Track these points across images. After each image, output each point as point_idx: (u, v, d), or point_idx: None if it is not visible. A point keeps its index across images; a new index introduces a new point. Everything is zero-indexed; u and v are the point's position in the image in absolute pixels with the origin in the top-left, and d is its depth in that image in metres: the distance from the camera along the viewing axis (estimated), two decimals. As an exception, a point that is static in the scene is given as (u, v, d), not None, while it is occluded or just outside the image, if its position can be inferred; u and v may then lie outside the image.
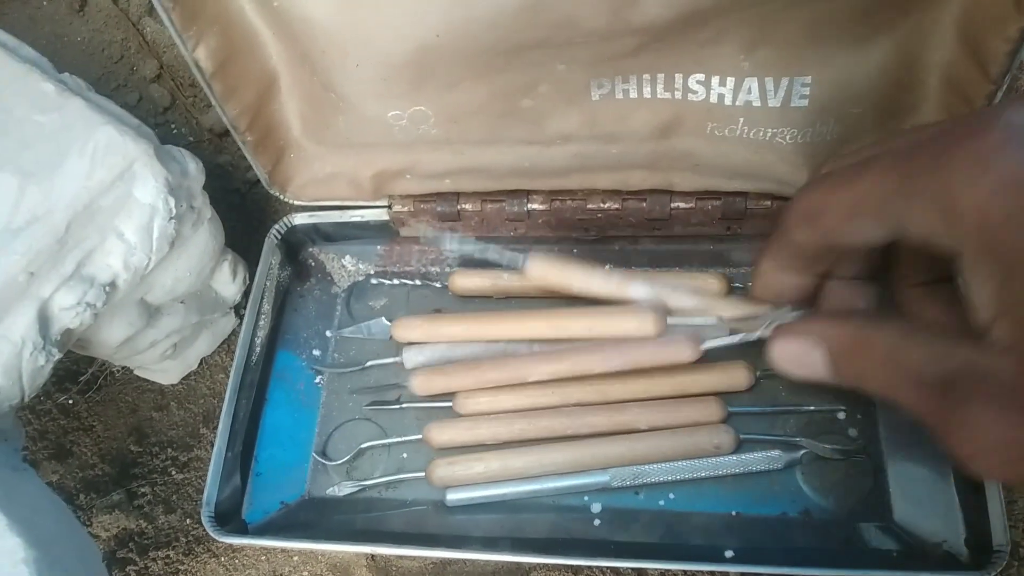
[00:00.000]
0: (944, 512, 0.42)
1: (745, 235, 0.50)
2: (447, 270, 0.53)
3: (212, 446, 0.46)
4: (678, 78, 0.41)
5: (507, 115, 0.43)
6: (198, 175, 0.44)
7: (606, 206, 0.49)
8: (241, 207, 0.60)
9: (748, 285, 0.47)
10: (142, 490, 0.52)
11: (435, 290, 0.52)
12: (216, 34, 0.40)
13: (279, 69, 0.44)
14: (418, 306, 0.52)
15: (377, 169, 0.48)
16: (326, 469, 0.47)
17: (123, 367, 0.55)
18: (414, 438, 0.47)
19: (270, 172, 0.49)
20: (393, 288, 0.53)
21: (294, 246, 0.54)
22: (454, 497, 0.45)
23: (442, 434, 0.46)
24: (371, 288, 0.53)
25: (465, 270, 0.51)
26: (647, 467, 0.44)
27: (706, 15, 0.36)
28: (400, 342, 0.49)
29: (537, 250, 0.43)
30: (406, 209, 0.51)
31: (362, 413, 0.49)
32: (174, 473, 0.52)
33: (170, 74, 0.63)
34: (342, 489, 0.46)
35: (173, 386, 0.55)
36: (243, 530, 0.45)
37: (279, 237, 0.53)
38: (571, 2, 0.35)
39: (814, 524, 0.43)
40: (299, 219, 0.53)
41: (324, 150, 0.48)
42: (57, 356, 0.40)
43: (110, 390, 0.56)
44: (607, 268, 0.45)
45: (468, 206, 0.50)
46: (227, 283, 0.51)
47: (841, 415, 0.45)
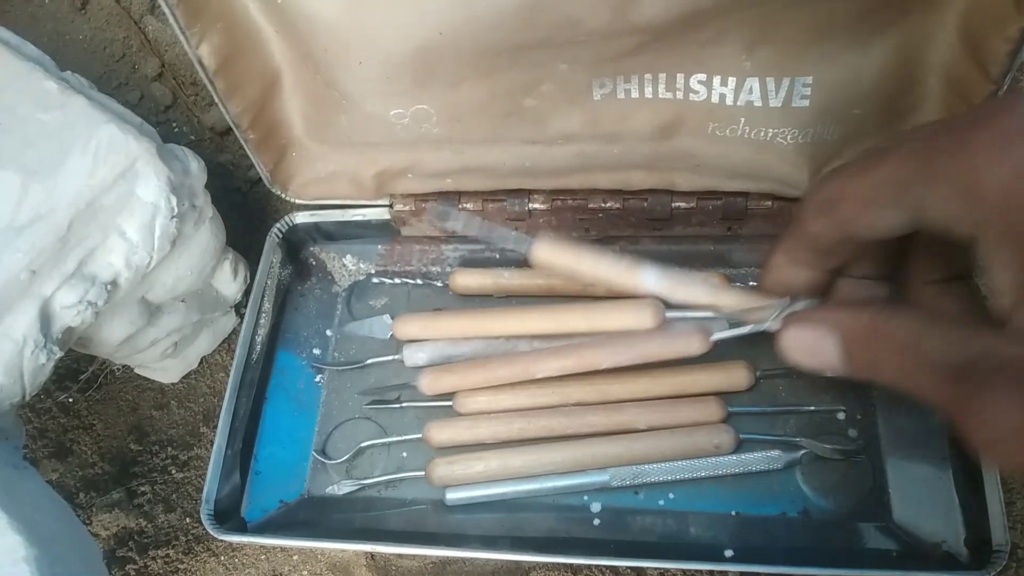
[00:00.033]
0: (943, 512, 0.42)
1: (745, 235, 0.50)
2: (448, 269, 0.53)
3: (212, 445, 0.46)
4: (679, 78, 0.41)
5: (509, 114, 0.43)
6: (200, 174, 0.44)
7: (607, 206, 0.49)
8: (242, 206, 0.60)
9: (749, 285, 0.47)
10: (142, 489, 0.52)
11: (436, 289, 0.52)
12: (220, 31, 0.40)
13: (282, 67, 0.44)
14: (419, 305, 0.52)
15: (379, 168, 0.48)
16: (326, 468, 0.47)
17: (123, 366, 0.55)
18: (414, 437, 0.47)
19: (272, 170, 0.49)
20: (394, 287, 0.53)
21: (295, 245, 0.54)
22: (454, 496, 0.45)
23: (442, 433, 0.46)
24: (372, 287, 0.53)
25: (465, 269, 0.51)
26: (647, 467, 0.44)
27: (707, 15, 0.36)
28: (401, 340, 0.49)
29: (544, 233, 0.42)
30: (407, 208, 0.51)
31: (362, 412, 0.49)
32: (174, 472, 0.52)
33: (171, 73, 0.63)
34: (342, 488, 0.46)
35: (173, 385, 0.55)
36: (242, 528, 0.45)
37: (280, 236, 0.53)
38: (573, 1, 0.35)
39: (814, 524, 0.43)
40: (300, 218, 0.53)
41: (326, 149, 0.48)
42: (58, 354, 0.40)
43: (110, 389, 0.56)
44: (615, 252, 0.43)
45: (469, 205, 0.50)
46: (228, 282, 0.51)
47: (841, 415, 0.46)
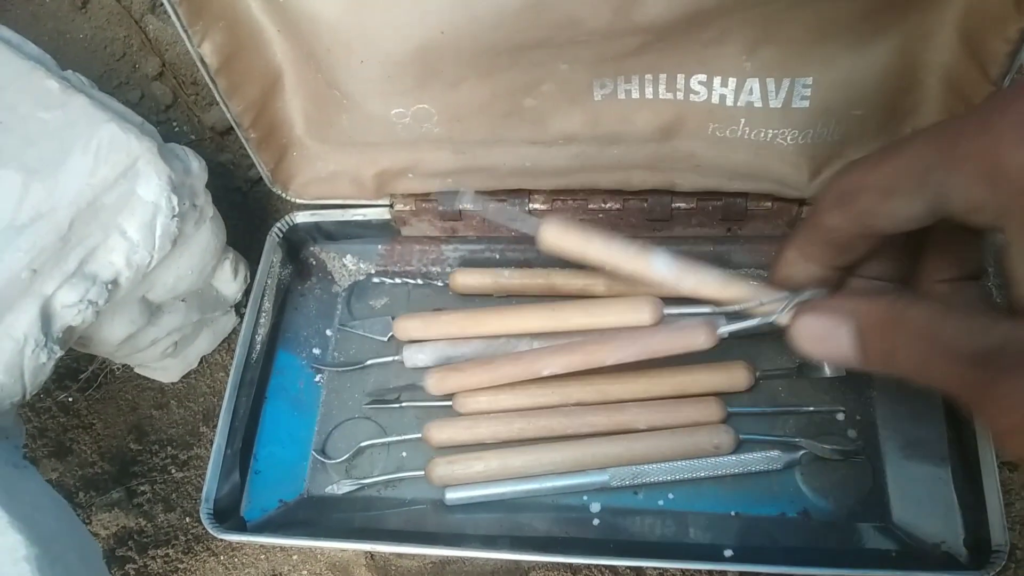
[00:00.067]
0: (943, 513, 0.42)
1: (745, 236, 0.50)
2: (448, 269, 0.53)
3: (212, 444, 0.46)
4: (680, 78, 0.41)
5: (510, 114, 0.43)
6: (201, 173, 0.44)
7: (607, 206, 0.49)
8: (243, 205, 0.60)
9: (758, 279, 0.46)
10: (142, 488, 0.52)
11: (436, 289, 0.52)
12: (222, 30, 0.40)
13: (284, 66, 0.44)
14: (419, 305, 0.52)
15: (379, 168, 0.48)
16: (325, 467, 0.47)
17: (123, 365, 0.55)
18: (413, 437, 0.47)
19: (272, 170, 0.49)
20: (394, 287, 0.53)
21: (295, 245, 0.54)
22: (453, 496, 0.45)
23: (441, 433, 0.46)
24: (372, 287, 0.54)
25: (466, 269, 0.51)
26: (646, 467, 0.44)
27: (709, 15, 0.36)
28: (401, 340, 0.49)
29: (552, 216, 0.41)
30: (408, 208, 0.51)
31: (362, 412, 0.49)
32: (174, 471, 0.52)
33: (172, 72, 0.63)
34: (341, 487, 0.46)
35: (173, 384, 0.55)
36: (242, 528, 0.45)
37: (280, 236, 0.53)
38: (573, 1, 0.35)
39: (813, 524, 0.43)
40: (301, 218, 0.53)
41: (327, 148, 0.48)
42: (59, 353, 0.40)
43: (110, 388, 0.56)
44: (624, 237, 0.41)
45: (469, 205, 0.50)
46: (228, 281, 0.51)
47: (840, 416, 0.46)
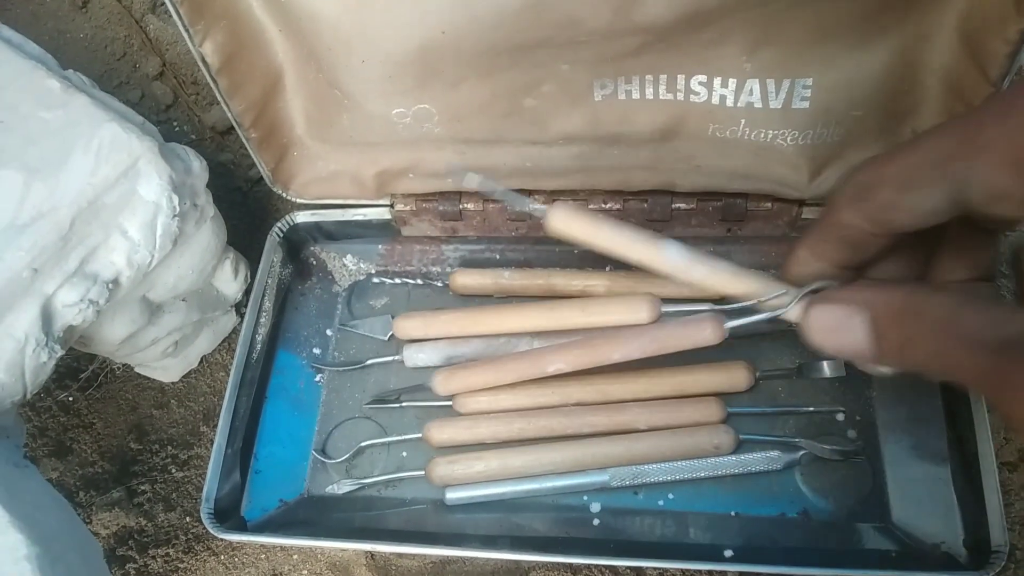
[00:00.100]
0: (942, 513, 0.42)
1: (745, 237, 0.50)
2: (448, 270, 0.53)
3: (212, 444, 0.46)
4: (680, 79, 0.41)
5: (510, 114, 0.43)
6: (202, 173, 0.44)
7: (607, 206, 0.49)
8: (243, 205, 0.60)
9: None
10: (142, 488, 0.52)
11: (436, 289, 0.52)
12: (223, 29, 0.40)
13: (285, 66, 0.44)
14: (419, 305, 0.52)
15: (380, 168, 0.48)
16: (325, 467, 0.47)
17: (124, 364, 0.55)
18: (414, 437, 0.47)
19: (273, 169, 0.49)
20: (394, 287, 0.53)
21: (296, 244, 0.54)
22: (453, 496, 0.45)
23: (442, 433, 0.46)
24: (372, 287, 0.54)
25: (466, 270, 0.51)
26: (646, 467, 0.44)
27: (709, 16, 0.36)
28: (401, 338, 0.49)
29: (560, 201, 0.41)
30: (408, 208, 0.51)
31: (362, 411, 0.49)
32: (174, 471, 0.52)
33: (172, 72, 0.63)
34: (341, 487, 0.47)
35: (173, 384, 0.55)
36: (242, 527, 0.45)
37: (281, 235, 0.53)
38: (574, 1, 0.35)
39: (813, 525, 0.43)
40: (301, 217, 0.53)
41: (327, 148, 0.48)
42: (60, 353, 0.40)
43: (110, 387, 0.56)
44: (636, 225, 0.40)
45: (470, 205, 0.50)
46: (228, 281, 0.51)
47: (840, 416, 0.46)
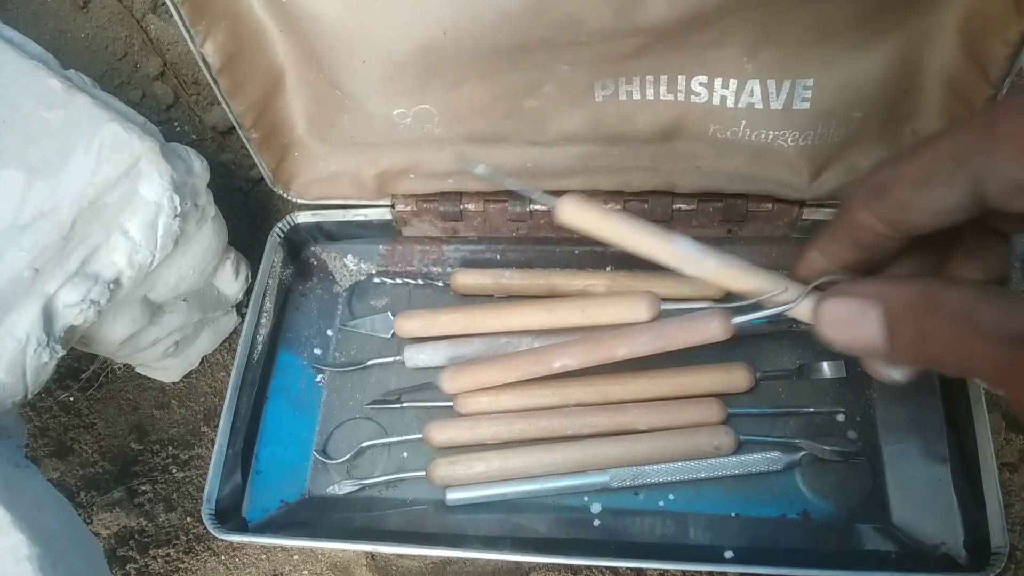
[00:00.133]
0: (943, 514, 0.42)
1: (746, 237, 0.50)
2: (449, 270, 0.53)
3: (213, 444, 0.46)
4: (681, 80, 0.41)
5: (511, 115, 0.43)
6: (203, 173, 0.44)
7: (608, 207, 0.49)
8: (244, 205, 0.60)
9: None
10: (143, 488, 0.52)
11: (437, 289, 0.52)
12: (224, 29, 0.40)
13: (286, 66, 0.44)
14: (420, 305, 0.52)
15: (381, 168, 0.48)
16: (326, 468, 0.47)
17: (124, 364, 0.55)
18: (414, 437, 0.47)
19: (274, 170, 0.49)
20: (395, 287, 0.53)
21: (296, 245, 0.54)
22: (454, 496, 0.45)
23: (442, 433, 0.46)
24: (373, 287, 0.54)
25: (467, 270, 0.51)
26: (647, 468, 0.44)
27: (710, 16, 0.36)
28: (402, 337, 0.49)
29: (570, 193, 0.40)
30: (409, 208, 0.51)
31: (362, 412, 0.49)
32: (175, 471, 0.52)
33: (173, 72, 0.63)
34: (342, 488, 0.47)
35: (174, 384, 0.55)
36: (243, 528, 0.45)
37: (281, 236, 0.53)
38: (576, 2, 0.35)
39: (813, 525, 0.43)
40: (302, 218, 0.53)
41: (328, 148, 0.48)
42: (61, 353, 0.40)
43: (111, 387, 0.56)
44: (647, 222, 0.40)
45: (471, 206, 0.50)
46: (229, 281, 0.51)
47: (840, 417, 0.46)
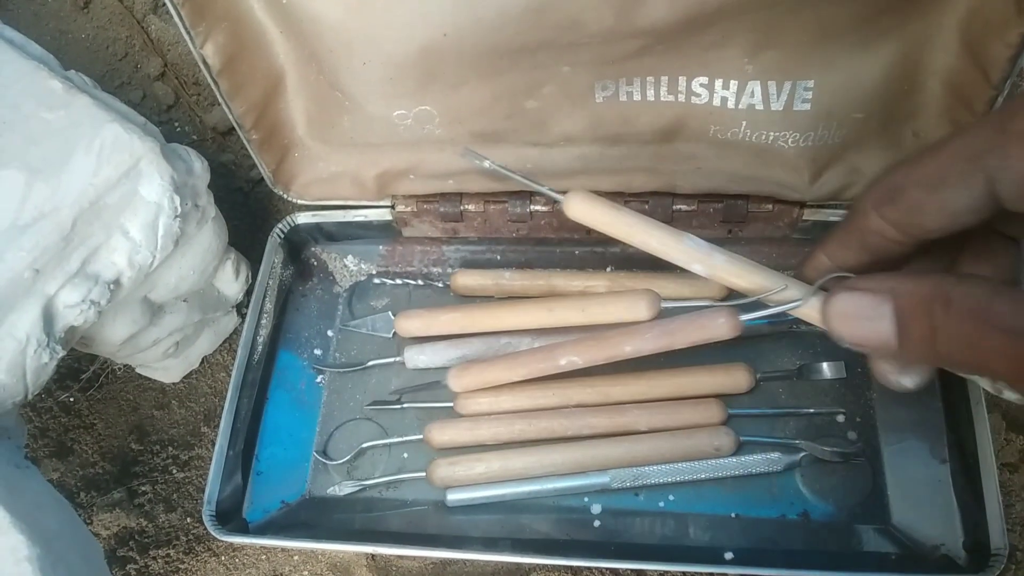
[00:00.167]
0: (942, 515, 0.42)
1: (746, 238, 0.50)
2: (449, 270, 0.53)
3: (213, 445, 0.46)
4: (682, 81, 0.41)
5: (511, 116, 0.43)
6: (203, 173, 0.44)
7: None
8: (244, 206, 0.60)
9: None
10: (143, 488, 0.52)
11: (437, 290, 0.53)
12: (224, 31, 0.40)
13: (286, 67, 0.44)
14: (419, 306, 0.52)
15: (381, 169, 0.48)
16: (327, 468, 0.48)
17: (124, 365, 0.55)
18: (415, 438, 0.47)
19: (274, 171, 0.49)
20: (395, 288, 0.53)
21: (297, 245, 0.54)
22: (454, 497, 0.45)
23: (443, 434, 0.46)
24: (373, 288, 0.54)
25: (467, 270, 0.51)
26: (647, 468, 0.44)
27: (711, 18, 0.36)
28: (403, 336, 0.49)
29: (577, 189, 0.40)
30: (409, 209, 0.51)
31: (363, 413, 0.49)
32: (175, 472, 0.52)
33: (174, 72, 0.63)
34: (343, 489, 0.47)
35: (174, 384, 0.55)
36: (244, 529, 0.45)
37: (282, 236, 0.53)
38: (576, 4, 0.35)
39: (813, 526, 0.43)
40: (302, 218, 0.53)
41: (328, 149, 0.48)
42: (61, 353, 0.40)
43: (111, 388, 0.56)
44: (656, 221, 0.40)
45: (471, 207, 0.50)
46: (230, 282, 0.51)
47: (840, 418, 0.46)
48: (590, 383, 0.46)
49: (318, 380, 0.51)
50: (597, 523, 0.44)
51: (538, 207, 0.50)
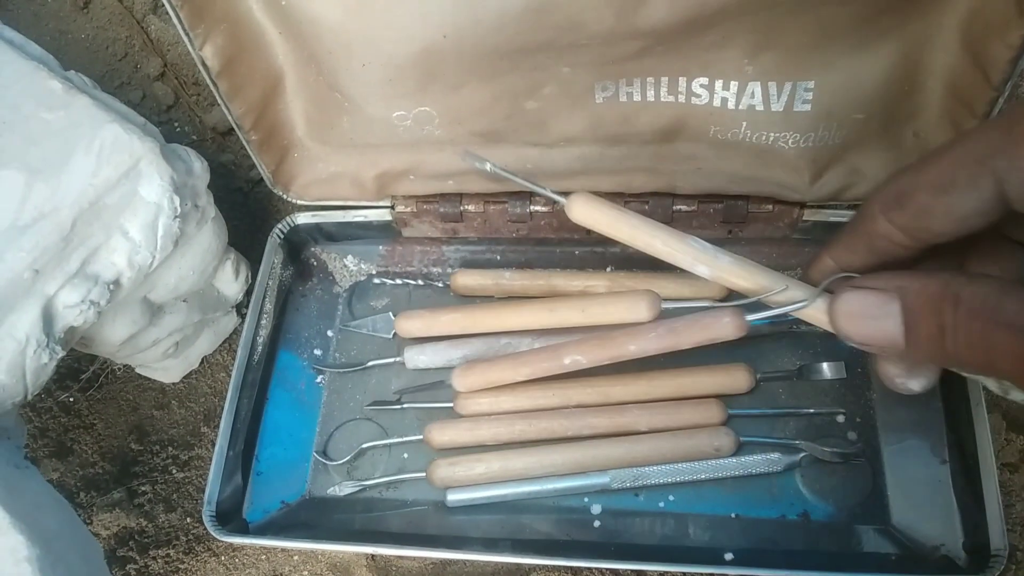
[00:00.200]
0: (942, 516, 0.42)
1: (746, 238, 0.50)
2: (449, 270, 0.53)
3: (213, 445, 0.46)
4: (682, 82, 0.41)
5: (511, 117, 0.43)
6: (203, 174, 0.44)
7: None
8: (244, 206, 0.60)
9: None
10: (143, 488, 0.52)
11: (437, 290, 0.53)
12: (223, 32, 0.40)
13: (285, 68, 0.44)
14: (419, 306, 0.52)
15: (381, 169, 0.48)
16: (327, 469, 0.48)
17: (124, 365, 0.55)
18: (415, 438, 0.47)
19: (274, 171, 0.49)
20: (395, 288, 0.53)
21: (296, 245, 0.54)
22: (454, 498, 0.45)
23: (443, 435, 0.46)
24: (373, 288, 0.54)
25: (467, 270, 0.51)
26: (647, 469, 0.44)
27: (711, 20, 0.36)
28: (403, 336, 0.49)
29: (579, 192, 0.40)
30: (409, 210, 0.51)
31: (363, 413, 0.49)
32: (175, 472, 0.52)
33: (174, 72, 0.63)
34: (343, 489, 0.47)
35: (174, 385, 0.55)
36: (244, 529, 0.45)
37: (281, 236, 0.53)
38: (576, 5, 0.35)
39: (813, 527, 0.43)
40: (302, 219, 0.53)
41: (328, 150, 0.48)
42: (61, 354, 0.40)
43: (111, 388, 0.56)
44: (657, 223, 0.40)
45: (471, 207, 0.50)
46: (229, 282, 0.51)
47: (840, 418, 0.46)
48: (590, 383, 0.46)
49: (318, 380, 0.51)
50: (597, 523, 0.44)
51: (538, 207, 0.50)
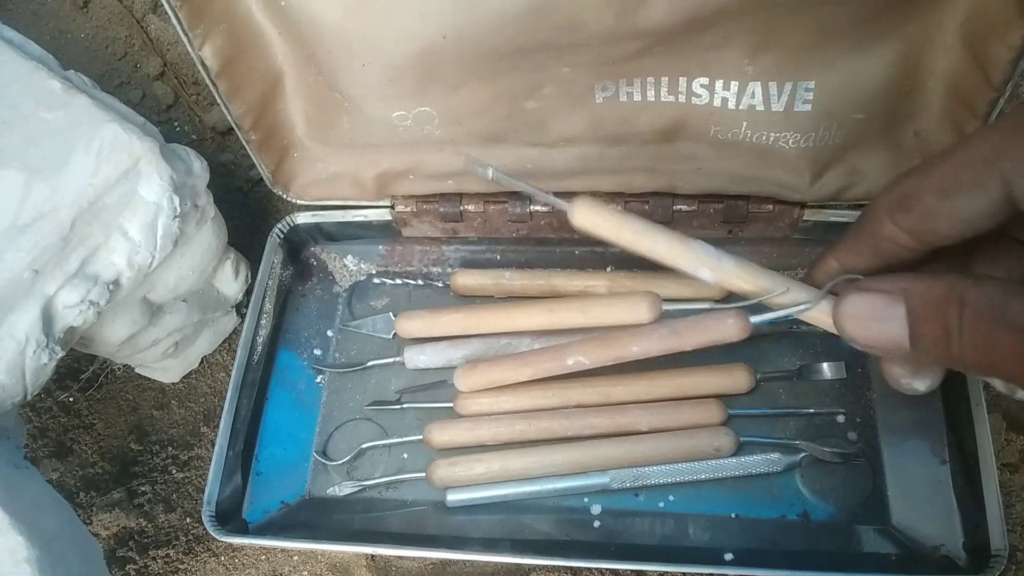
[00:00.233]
0: (942, 516, 0.42)
1: (747, 238, 0.50)
2: (449, 270, 0.53)
3: (213, 445, 0.46)
4: (682, 82, 0.41)
5: (511, 117, 0.43)
6: (202, 173, 0.44)
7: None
8: (243, 206, 0.60)
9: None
10: (142, 489, 0.52)
11: (437, 290, 0.52)
12: (222, 32, 0.40)
13: (284, 68, 0.44)
14: (420, 306, 0.52)
15: (380, 169, 0.48)
16: (327, 469, 0.47)
17: (124, 365, 0.55)
18: (415, 438, 0.47)
19: (273, 171, 0.49)
20: (395, 288, 0.53)
21: (296, 245, 0.54)
22: (454, 498, 0.45)
23: (443, 435, 0.46)
24: (373, 288, 0.54)
25: (467, 270, 0.51)
26: (647, 469, 0.44)
27: (711, 20, 0.36)
28: (403, 337, 0.49)
29: (582, 196, 0.39)
30: (409, 209, 0.51)
31: (363, 413, 0.49)
32: (174, 472, 0.52)
33: (173, 72, 0.63)
34: (342, 489, 0.47)
35: (174, 384, 0.55)
36: (244, 529, 0.45)
37: (281, 236, 0.53)
38: (576, 5, 0.35)
39: (813, 527, 0.43)
40: (301, 218, 0.53)
41: (328, 150, 0.48)
42: (60, 354, 0.40)
43: (111, 388, 0.56)
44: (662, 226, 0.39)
45: (471, 207, 0.50)
46: (229, 282, 0.51)
47: (840, 418, 0.46)
48: (590, 383, 0.46)
49: (318, 380, 0.51)
50: (597, 523, 0.44)
51: (538, 207, 0.50)
